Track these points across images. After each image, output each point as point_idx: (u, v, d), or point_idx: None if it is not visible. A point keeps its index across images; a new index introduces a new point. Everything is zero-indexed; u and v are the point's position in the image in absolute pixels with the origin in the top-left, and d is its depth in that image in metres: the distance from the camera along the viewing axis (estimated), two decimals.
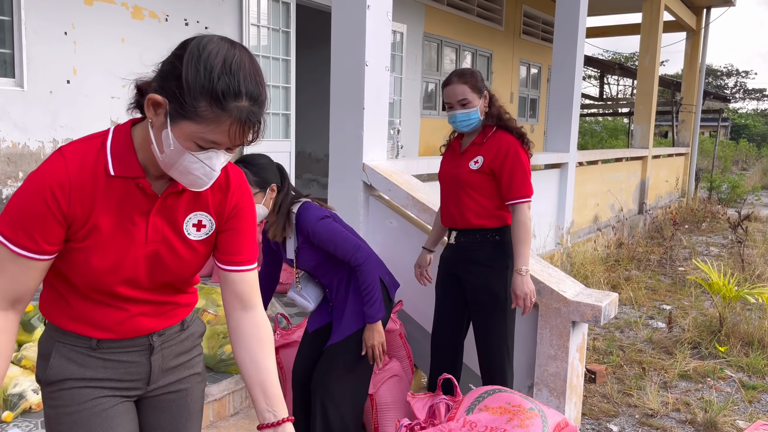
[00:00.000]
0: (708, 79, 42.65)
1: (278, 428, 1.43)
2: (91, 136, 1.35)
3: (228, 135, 1.23)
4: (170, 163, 1.28)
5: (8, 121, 4.41)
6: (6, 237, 1.27)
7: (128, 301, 1.42)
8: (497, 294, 2.90)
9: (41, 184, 1.26)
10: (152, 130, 1.27)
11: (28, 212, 1.26)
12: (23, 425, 2.56)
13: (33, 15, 4.47)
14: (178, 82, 1.20)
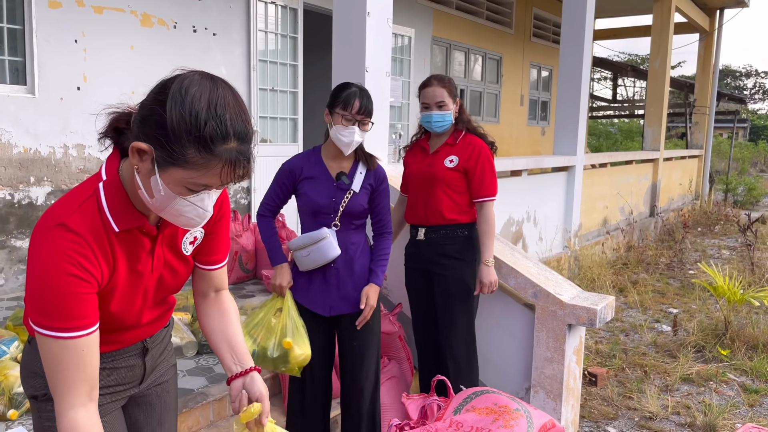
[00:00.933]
0: (726, 80, 42.19)
1: (247, 377, 1.49)
2: (80, 197, 1.30)
3: (219, 177, 1.22)
4: (161, 207, 1.27)
5: (20, 128, 4.52)
6: (55, 328, 1.22)
7: (132, 327, 1.48)
8: (468, 285, 3.11)
9: (64, 263, 1.22)
10: (138, 176, 1.25)
11: (69, 297, 1.23)
12: (28, 423, 2.64)
13: (44, 24, 4.58)
14: (164, 130, 1.17)
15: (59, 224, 1.24)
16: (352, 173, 2.71)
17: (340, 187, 2.67)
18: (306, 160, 2.71)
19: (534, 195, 6.34)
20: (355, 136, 2.59)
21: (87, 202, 1.28)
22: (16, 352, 2.96)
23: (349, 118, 2.59)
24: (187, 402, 2.96)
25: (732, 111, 17.41)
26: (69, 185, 4.84)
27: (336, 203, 2.67)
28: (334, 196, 2.66)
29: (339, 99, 2.62)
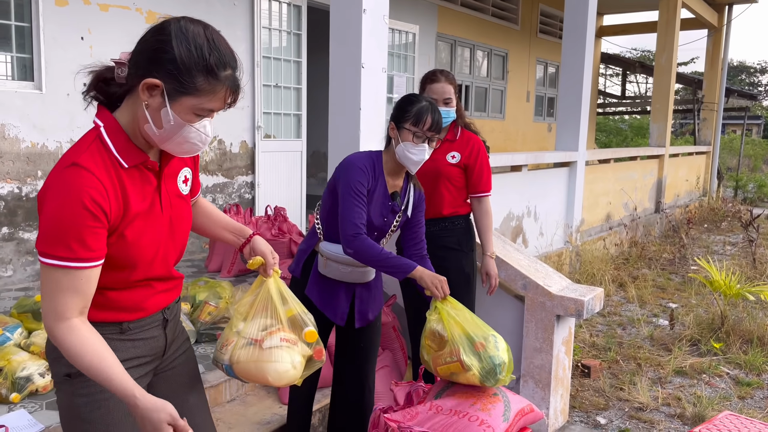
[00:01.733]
0: (741, 77, 41.80)
1: (251, 242, 1.82)
2: (85, 142, 1.43)
3: (222, 101, 1.43)
4: (167, 137, 1.42)
5: (28, 123, 4.64)
6: (65, 258, 1.33)
7: (156, 279, 1.59)
8: (468, 275, 3.19)
9: (79, 199, 1.33)
10: (148, 111, 1.40)
11: (77, 228, 1.33)
12: (29, 406, 2.75)
13: (51, 21, 4.70)
14: (174, 64, 1.35)
15: (71, 164, 1.36)
16: (403, 192, 2.61)
17: (393, 208, 2.57)
18: (372, 172, 2.51)
19: (535, 190, 6.39)
20: (425, 155, 2.46)
21: (93, 144, 1.41)
22: (19, 339, 3.07)
23: (420, 135, 2.45)
24: None
25: (742, 107, 17.30)
26: None
27: (387, 224, 2.57)
28: (386, 217, 2.56)
29: (409, 113, 2.47)
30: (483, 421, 2.24)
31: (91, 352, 1.36)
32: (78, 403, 1.50)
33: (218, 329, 3.64)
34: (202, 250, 5.95)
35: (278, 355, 1.70)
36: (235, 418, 3.11)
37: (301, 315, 1.81)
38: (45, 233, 1.34)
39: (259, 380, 1.72)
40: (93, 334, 1.39)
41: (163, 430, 1.35)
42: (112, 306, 1.52)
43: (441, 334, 2.39)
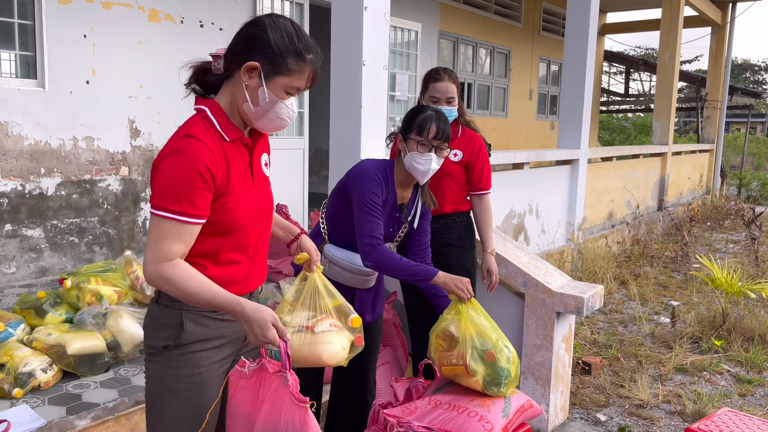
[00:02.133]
0: (745, 75, 41.66)
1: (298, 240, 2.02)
2: (193, 122, 1.66)
3: (307, 80, 1.69)
4: (262, 114, 1.67)
5: (31, 120, 4.66)
6: (176, 212, 1.55)
7: (247, 255, 1.76)
8: (469, 271, 3.22)
9: (194, 164, 1.56)
10: (247, 91, 1.65)
11: (188, 188, 1.55)
12: (32, 402, 2.77)
13: (54, 19, 4.71)
14: (270, 49, 1.63)
15: (186, 135, 1.60)
16: (411, 203, 2.63)
17: (400, 219, 2.58)
18: (385, 183, 2.52)
19: (536, 188, 6.40)
20: (432, 164, 2.46)
21: (201, 122, 1.65)
22: (22, 335, 3.09)
23: (425, 143, 2.46)
24: None
25: (746, 105, 17.25)
26: (78, 177, 4.98)
27: (391, 234, 2.59)
28: (392, 227, 2.58)
29: (413, 124, 2.49)
30: (482, 416, 2.25)
31: (196, 278, 1.57)
32: (168, 375, 1.68)
33: None
34: None
35: (330, 337, 1.90)
36: None
37: (345, 304, 2.01)
38: (160, 190, 1.56)
39: (313, 361, 1.90)
40: (192, 267, 1.60)
41: (270, 327, 1.57)
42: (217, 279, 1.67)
43: (453, 335, 2.39)
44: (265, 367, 1.64)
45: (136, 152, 5.37)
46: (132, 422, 2.83)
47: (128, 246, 5.37)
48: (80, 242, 5.07)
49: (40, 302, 3.32)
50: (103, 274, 3.52)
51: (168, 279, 1.56)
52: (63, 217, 4.93)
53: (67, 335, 3.01)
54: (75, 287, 3.38)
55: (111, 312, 3.22)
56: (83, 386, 2.94)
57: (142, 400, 2.88)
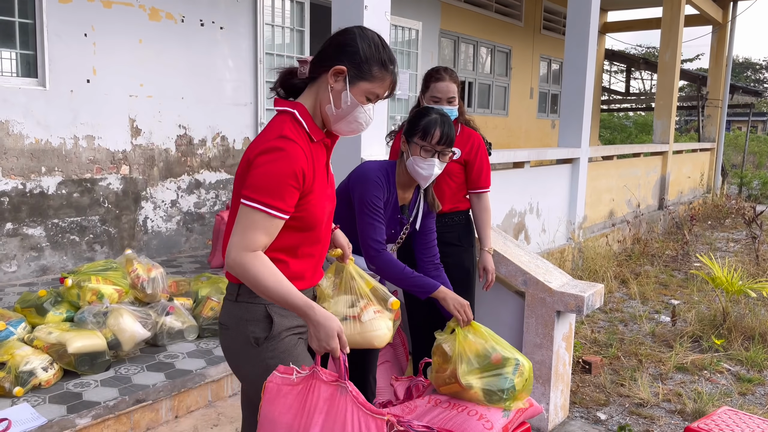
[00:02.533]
0: (746, 73, 41.60)
1: (333, 233, 2.20)
2: (282, 122, 1.75)
3: (385, 89, 1.81)
4: (342, 116, 1.78)
5: (31, 119, 4.67)
6: (268, 205, 1.65)
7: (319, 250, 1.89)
8: (468, 270, 3.21)
9: (291, 165, 1.67)
10: (331, 93, 1.76)
11: (283, 185, 1.66)
12: (33, 400, 2.78)
13: (54, 18, 4.72)
14: (357, 56, 1.75)
15: (281, 136, 1.70)
16: (413, 204, 2.62)
17: (401, 220, 2.58)
18: (386, 185, 2.53)
19: (537, 187, 6.39)
20: (434, 169, 2.47)
21: (291, 123, 1.75)
22: (23, 333, 3.10)
23: (429, 149, 2.45)
24: (185, 382, 3.09)
25: (747, 104, 17.23)
26: (79, 175, 4.99)
27: (393, 236, 2.59)
28: (394, 228, 2.59)
29: (418, 127, 2.47)
30: (482, 415, 2.25)
31: (273, 274, 1.65)
32: (271, 364, 1.76)
33: None
34: (206, 246, 5.97)
35: (376, 324, 2.13)
36: (237, 412, 3.13)
37: (378, 287, 2.19)
38: (256, 184, 1.66)
39: (365, 347, 2.13)
40: (272, 263, 1.67)
41: (335, 336, 1.66)
42: (291, 275, 1.77)
43: (446, 353, 2.41)
44: (317, 375, 1.64)
45: (137, 151, 5.38)
46: (132, 420, 2.84)
47: (129, 245, 5.38)
48: (81, 241, 5.07)
49: (40, 301, 3.33)
50: (103, 272, 3.53)
51: (248, 268, 1.63)
52: (64, 216, 4.94)
53: (67, 334, 3.02)
54: (76, 286, 3.38)
55: (112, 311, 3.23)
56: (84, 385, 2.95)
57: (142, 398, 2.89)
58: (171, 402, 3.01)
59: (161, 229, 5.66)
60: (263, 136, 1.74)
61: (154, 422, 2.94)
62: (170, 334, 3.50)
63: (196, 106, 5.78)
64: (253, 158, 1.70)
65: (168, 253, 5.72)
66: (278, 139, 1.69)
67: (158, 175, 5.57)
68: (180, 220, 5.81)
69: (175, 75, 5.57)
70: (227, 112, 6.08)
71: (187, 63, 5.64)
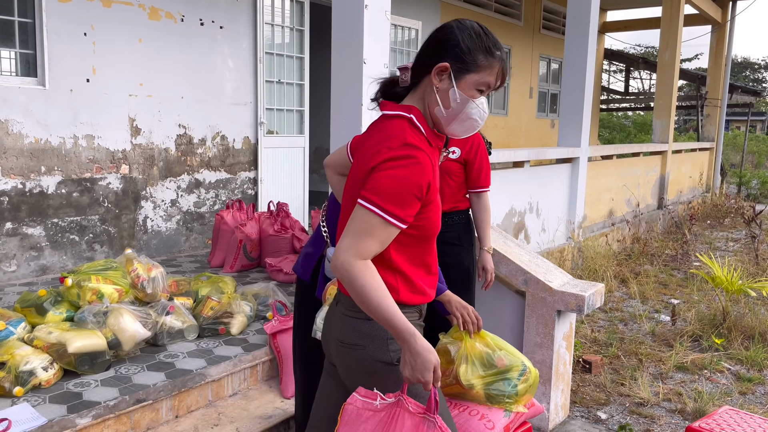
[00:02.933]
0: (745, 73, 41.62)
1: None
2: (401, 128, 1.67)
3: (496, 76, 1.70)
4: (453, 116, 1.70)
5: (31, 119, 4.66)
6: (389, 212, 1.57)
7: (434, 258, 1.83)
8: (468, 269, 3.22)
9: (420, 177, 1.60)
10: (438, 95, 1.69)
11: (408, 196, 1.59)
12: (33, 400, 2.77)
13: (54, 17, 4.71)
14: (458, 48, 1.66)
15: (407, 144, 1.63)
16: None
17: None
18: None
19: (537, 186, 6.39)
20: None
21: (410, 129, 1.68)
22: (23, 333, 3.09)
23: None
24: (186, 382, 3.08)
25: (746, 103, 17.23)
26: (79, 175, 4.98)
27: None
28: None
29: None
30: (484, 415, 2.25)
31: (380, 289, 1.57)
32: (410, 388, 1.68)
33: (220, 324, 3.66)
34: (206, 245, 5.97)
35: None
36: (237, 412, 3.13)
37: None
38: (379, 188, 1.58)
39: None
40: (380, 276, 1.60)
41: (431, 369, 1.57)
42: (418, 289, 1.75)
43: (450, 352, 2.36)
44: (402, 404, 1.59)
45: (137, 150, 5.37)
46: (133, 420, 2.84)
47: (129, 244, 5.38)
48: (81, 240, 5.07)
49: (40, 300, 3.32)
50: (103, 272, 3.52)
51: (356, 276, 1.56)
52: (63, 216, 4.93)
53: (67, 333, 3.01)
54: (76, 285, 3.38)
55: (112, 310, 3.22)
56: (84, 385, 2.95)
57: (142, 398, 2.88)
58: (171, 402, 3.01)
59: (161, 228, 5.65)
60: (383, 142, 1.65)
61: (155, 422, 2.93)
62: (170, 333, 3.50)
63: (195, 105, 5.78)
64: (378, 165, 1.61)
65: (168, 253, 5.71)
66: (405, 147, 1.61)
67: (158, 174, 5.56)
68: (180, 220, 5.80)
69: (174, 74, 5.56)
70: (227, 112, 6.07)
71: (186, 62, 5.63)
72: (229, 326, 3.68)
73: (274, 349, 3.48)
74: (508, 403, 2.29)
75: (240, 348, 3.51)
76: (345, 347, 1.76)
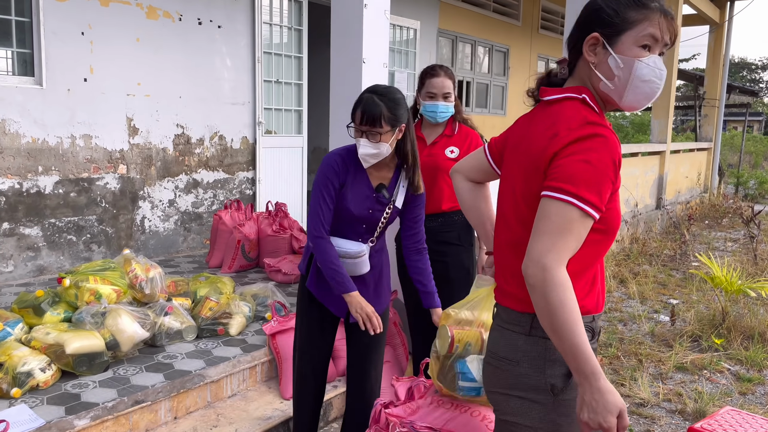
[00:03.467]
0: (742, 73, 41.72)
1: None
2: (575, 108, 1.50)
3: (660, 26, 1.47)
4: (624, 85, 1.48)
5: (28, 118, 4.64)
6: (588, 202, 1.37)
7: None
8: (468, 269, 3.21)
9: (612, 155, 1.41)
10: (598, 70, 1.51)
11: (603, 179, 1.39)
12: (30, 401, 2.75)
13: (51, 16, 4.69)
14: (603, 13, 1.48)
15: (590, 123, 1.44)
16: (393, 185, 2.54)
17: (380, 200, 2.50)
18: (344, 166, 2.46)
19: None
20: (367, 149, 2.38)
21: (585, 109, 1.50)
22: (20, 334, 3.07)
23: (357, 129, 2.41)
24: (184, 383, 3.07)
25: (744, 104, 17.27)
26: (76, 175, 4.96)
27: (374, 216, 2.51)
28: (372, 208, 2.50)
29: (353, 108, 2.45)
30: (485, 416, 2.23)
31: (576, 314, 1.34)
32: (562, 423, 1.52)
33: (219, 324, 3.64)
34: (203, 246, 5.95)
35: None
36: (236, 413, 3.11)
37: None
38: (572, 176, 1.38)
39: None
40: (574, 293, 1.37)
41: (615, 413, 1.33)
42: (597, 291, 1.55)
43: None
44: None
45: (134, 150, 5.35)
46: (131, 422, 2.82)
47: (126, 245, 5.35)
48: (78, 241, 5.05)
49: (38, 301, 3.30)
50: (101, 272, 3.50)
51: (555, 289, 1.34)
52: (61, 216, 4.91)
53: (65, 334, 2.99)
54: (73, 286, 3.36)
55: (110, 311, 3.21)
56: (82, 386, 2.93)
57: (141, 399, 2.86)
58: (170, 403, 2.99)
59: (159, 228, 5.63)
60: (557, 125, 1.47)
61: (153, 423, 2.92)
62: (169, 334, 3.48)
63: (193, 105, 5.75)
64: (562, 149, 1.42)
65: (166, 253, 5.69)
66: (589, 125, 1.43)
67: (156, 174, 5.54)
68: (178, 220, 5.78)
69: (172, 74, 5.54)
70: (225, 112, 6.05)
71: (184, 62, 5.61)
72: (227, 327, 3.66)
73: (273, 349, 3.47)
74: None
75: (239, 349, 3.49)
76: (498, 361, 1.59)
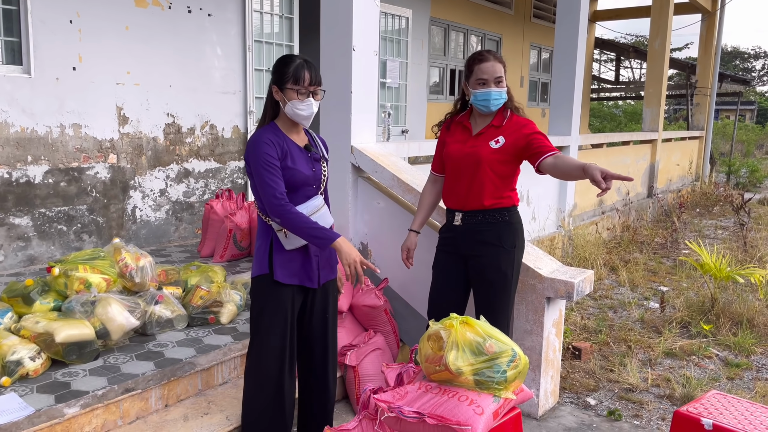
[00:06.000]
0: (735, 62, 41.76)
1: None
2: None
3: None
4: None
5: (16, 107, 4.60)
6: None
7: None
8: (505, 273, 2.97)
9: None
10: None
11: None
12: (20, 390, 2.75)
13: (39, 4, 4.64)
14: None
15: None
16: (312, 142, 2.73)
17: (314, 158, 2.67)
18: (276, 136, 2.57)
19: (527, 174, 6.36)
20: (313, 108, 2.57)
21: None
22: (9, 323, 3.07)
23: (303, 91, 2.53)
24: (175, 371, 3.07)
25: (736, 92, 17.30)
26: (66, 164, 4.93)
27: (317, 174, 2.67)
28: (314, 167, 2.66)
29: (288, 75, 2.54)
30: (473, 400, 2.25)
31: None
32: None
33: (210, 313, 3.65)
34: (195, 235, 5.94)
35: None
36: (227, 401, 3.12)
37: None
38: None
39: None
40: None
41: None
42: None
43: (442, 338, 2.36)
44: None
45: (125, 139, 5.33)
46: (122, 410, 2.82)
47: (118, 234, 5.34)
48: (68, 230, 5.03)
49: (27, 290, 3.29)
50: (91, 261, 3.50)
51: None
52: (51, 205, 4.89)
53: (55, 323, 2.99)
54: (63, 275, 3.35)
55: (100, 300, 3.20)
56: (72, 374, 2.93)
57: (131, 387, 2.87)
58: (160, 391, 2.99)
59: (150, 218, 5.62)
60: None
61: (144, 411, 2.92)
62: (159, 323, 3.48)
63: (184, 94, 5.73)
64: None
65: (157, 243, 5.68)
66: None
67: (146, 163, 5.52)
68: (169, 210, 5.77)
69: (162, 62, 5.51)
70: (216, 100, 6.03)
71: (174, 50, 5.58)
72: (218, 315, 3.66)
73: None
74: (497, 389, 2.29)
75: (230, 337, 3.50)
76: None
